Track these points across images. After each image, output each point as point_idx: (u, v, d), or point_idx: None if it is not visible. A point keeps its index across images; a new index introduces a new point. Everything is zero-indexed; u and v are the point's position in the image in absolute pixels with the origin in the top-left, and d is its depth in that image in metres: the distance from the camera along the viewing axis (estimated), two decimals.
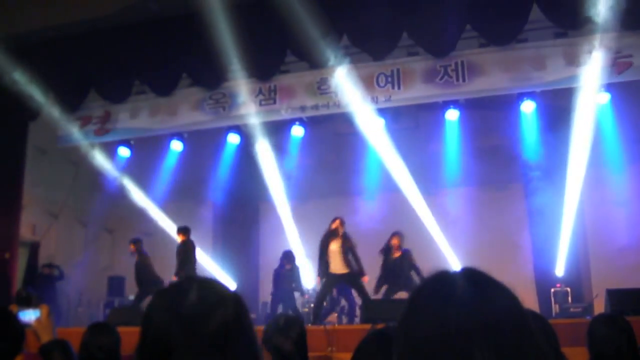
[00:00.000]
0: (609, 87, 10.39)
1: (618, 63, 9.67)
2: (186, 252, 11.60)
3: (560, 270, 11.65)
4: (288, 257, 12.39)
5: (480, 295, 1.05)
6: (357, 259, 10.26)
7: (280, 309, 12.07)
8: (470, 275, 1.10)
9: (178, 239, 11.77)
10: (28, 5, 10.98)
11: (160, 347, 1.22)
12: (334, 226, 10.39)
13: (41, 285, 12.77)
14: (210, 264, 14.10)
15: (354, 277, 10.16)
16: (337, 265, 10.12)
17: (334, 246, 10.22)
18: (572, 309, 10.01)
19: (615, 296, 8.41)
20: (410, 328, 1.07)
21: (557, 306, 10.55)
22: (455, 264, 11.66)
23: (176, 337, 1.22)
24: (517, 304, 1.07)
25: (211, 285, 1.36)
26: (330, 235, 10.34)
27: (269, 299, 12.83)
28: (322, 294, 10.26)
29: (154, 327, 1.25)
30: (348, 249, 10.23)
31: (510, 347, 0.99)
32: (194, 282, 1.34)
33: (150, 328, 1.26)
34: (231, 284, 13.83)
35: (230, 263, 14.25)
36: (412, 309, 1.10)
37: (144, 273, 11.85)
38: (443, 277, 1.12)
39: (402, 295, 10.81)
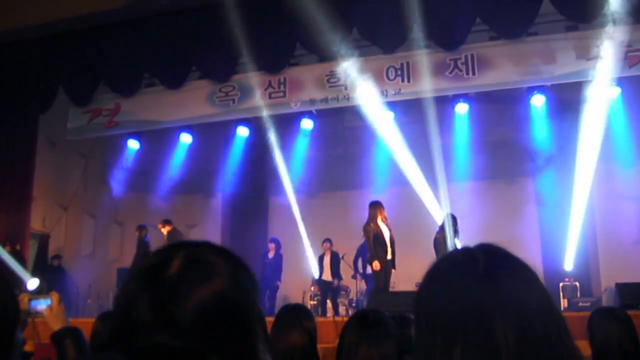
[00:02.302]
0: (620, 81, 10.33)
1: (629, 57, 9.62)
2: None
3: (569, 265, 11.62)
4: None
5: (501, 270, 1.05)
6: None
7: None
8: (490, 250, 1.09)
9: (163, 231, 11.82)
10: None
11: (127, 323, 1.05)
12: (385, 214, 10.27)
13: (51, 276, 12.85)
14: None
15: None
16: (389, 253, 10.03)
17: (388, 233, 10.12)
18: (580, 303, 9.99)
19: (625, 290, 8.39)
20: (429, 303, 1.06)
21: (565, 300, 10.53)
22: None
23: (143, 314, 1.03)
24: (537, 280, 1.07)
25: (202, 257, 1.11)
26: (383, 221, 10.20)
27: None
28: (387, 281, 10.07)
29: (124, 298, 1.07)
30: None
31: (532, 322, 0.99)
32: (181, 249, 1.11)
33: (120, 300, 1.08)
34: None
35: (239, 256, 14.27)
36: (432, 283, 1.09)
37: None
38: (463, 253, 1.11)
39: None
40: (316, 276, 12.42)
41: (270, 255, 12.60)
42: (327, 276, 12.17)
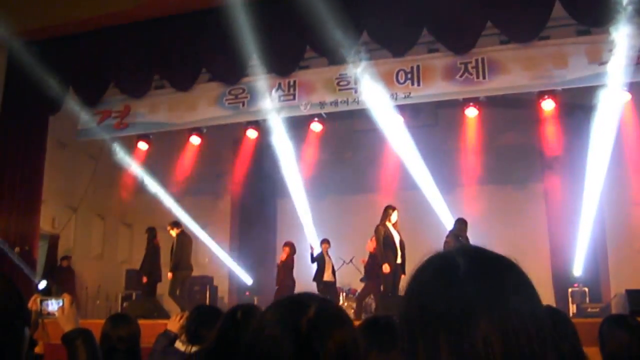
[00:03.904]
0: (632, 85, 10.26)
1: None
2: (182, 246, 11.67)
3: (578, 270, 11.54)
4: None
5: (483, 273, 1.02)
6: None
7: None
8: (472, 253, 1.08)
9: (172, 233, 11.83)
10: (49, 1, 11.07)
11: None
12: (395, 218, 10.24)
13: (60, 277, 12.89)
14: (227, 260, 14.15)
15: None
16: (399, 256, 9.97)
17: (398, 237, 10.09)
18: (589, 309, 9.94)
19: (635, 296, 8.36)
20: (411, 310, 1.05)
21: (574, 306, 10.48)
22: None
23: (288, 354, 1.18)
24: (523, 281, 1.04)
25: (330, 304, 1.34)
26: (393, 226, 10.20)
27: None
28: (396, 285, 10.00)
29: (266, 339, 1.21)
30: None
31: (514, 325, 0.96)
32: (314, 299, 1.30)
33: (261, 340, 1.22)
34: (248, 279, 13.94)
35: (248, 258, 14.30)
36: (412, 291, 1.07)
37: (156, 262, 12.05)
38: (442, 257, 1.09)
39: None
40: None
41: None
42: (329, 276, 12.10)
